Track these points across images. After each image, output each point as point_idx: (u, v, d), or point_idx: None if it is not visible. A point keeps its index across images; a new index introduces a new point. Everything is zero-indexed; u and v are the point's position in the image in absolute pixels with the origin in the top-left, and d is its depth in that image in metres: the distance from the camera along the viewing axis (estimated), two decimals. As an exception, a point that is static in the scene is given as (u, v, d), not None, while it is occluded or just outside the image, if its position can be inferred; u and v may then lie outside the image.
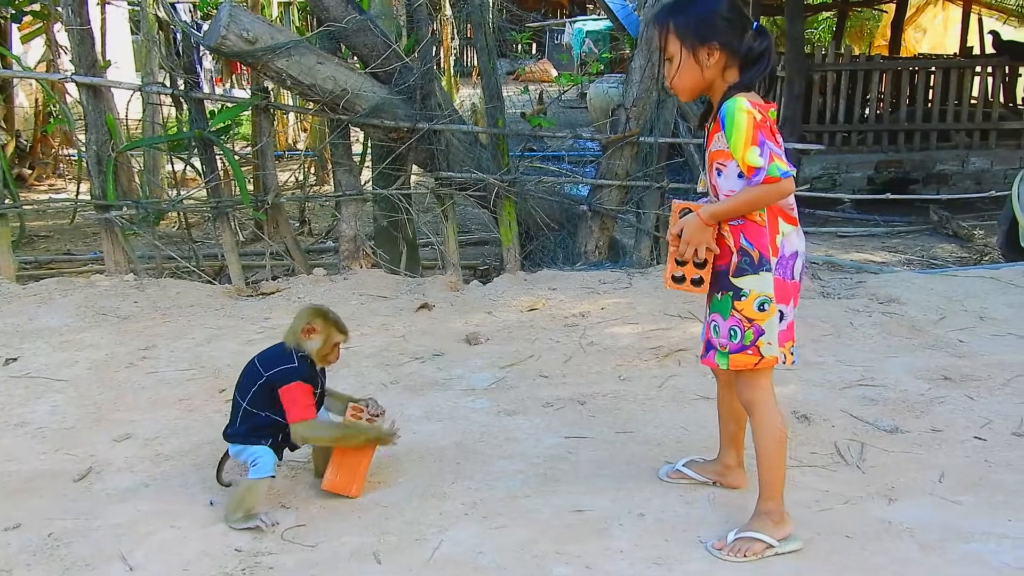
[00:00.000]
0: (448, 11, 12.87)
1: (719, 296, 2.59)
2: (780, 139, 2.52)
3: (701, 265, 2.59)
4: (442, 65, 13.87)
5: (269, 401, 2.84)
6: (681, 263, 2.60)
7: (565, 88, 8.06)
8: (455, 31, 15.30)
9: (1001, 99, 10.80)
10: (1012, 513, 2.83)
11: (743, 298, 2.54)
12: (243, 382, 2.92)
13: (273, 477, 2.87)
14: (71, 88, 5.80)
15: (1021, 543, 2.66)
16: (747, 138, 2.44)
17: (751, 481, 2.86)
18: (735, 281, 2.55)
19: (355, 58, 5.79)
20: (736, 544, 2.60)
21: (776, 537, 2.59)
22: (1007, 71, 11.01)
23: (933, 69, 10.76)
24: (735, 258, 2.54)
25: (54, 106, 9.42)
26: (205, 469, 3.17)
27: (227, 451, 2.99)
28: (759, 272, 2.53)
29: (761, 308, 2.53)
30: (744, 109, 2.44)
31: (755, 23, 2.56)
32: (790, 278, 2.58)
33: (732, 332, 2.57)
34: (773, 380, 2.65)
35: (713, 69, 2.52)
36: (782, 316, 2.57)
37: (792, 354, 2.62)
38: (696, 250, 2.55)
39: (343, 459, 2.95)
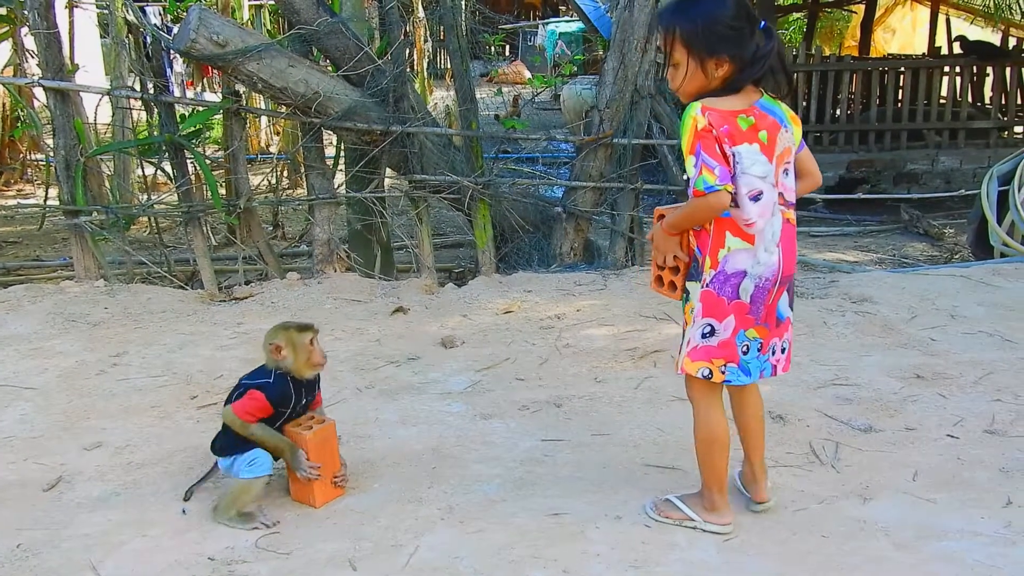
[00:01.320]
0: (421, 13, 12.85)
1: (684, 297, 2.66)
2: (741, 149, 2.44)
3: (675, 270, 2.65)
4: (415, 67, 13.82)
5: None
6: (660, 267, 2.68)
7: (539, 90, 8.07)
8: (428, 33, 15.26)
9: (969, 98, 10.92)
10: (984, 511, 2.85)
11: (687, 302, 2.64)
12: (230, 395, 2.92)
13: (271, 475, 2.86)
14: (39, 92, 5.73)
15: (994, 540, 2.68)
16: (686, 147, 2.46)
17: (773, 493, 2.87)
18: (687, 285, 2.63)
19: (327, 61, 5.76)
20: (663, 505, 2.81)
21: (701, 517, 2.74)
22: (975, 71, 11.14)
23: (902, 69, 10.87)
24: (693, 263, 2.61)
25: (21, 111, 9.29)
26: (177, 477, 3.14)
27: (211, 468, 2.96)
28: (698, 280, 2.58)
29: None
30: (691, 116, 2.45)
31: (762, 23, 2.50)
32: (731, 297, 2.52)
33: (683, 333, 2.67)
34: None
35: (720, 78, 2.49)
36: (713, 331, 2.55)
37: (724, 372, 2.57)
38: (665, 256, 2.63)
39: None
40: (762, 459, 2.83)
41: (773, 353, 2.63)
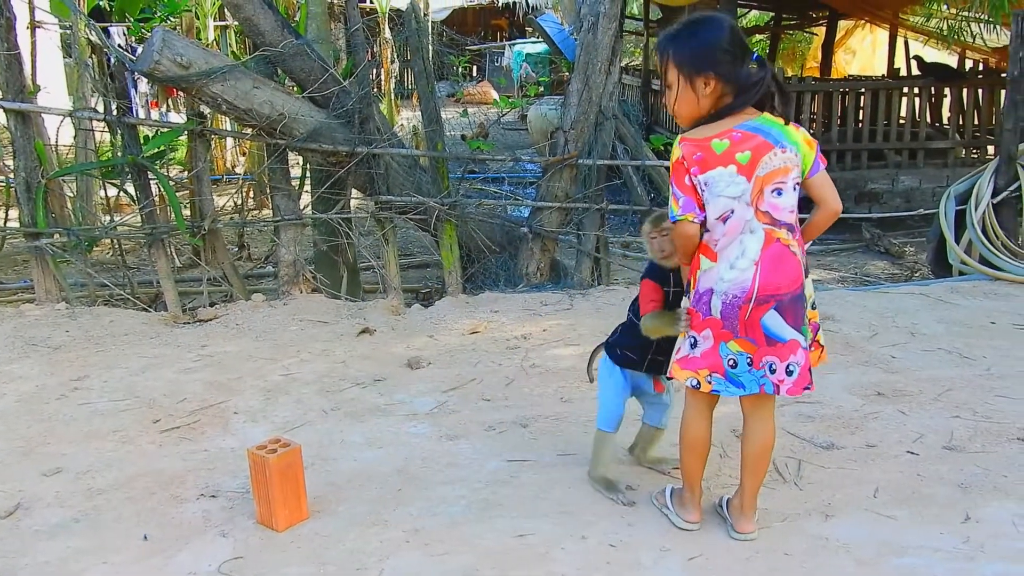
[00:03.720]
0: (387, 34, 12.89)
1: None
2: (713, 174, 2.53)
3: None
4: (381, 88, 13.83)
5: None
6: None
7: (504, 111, 8.13)
8: (395, 54, 15.30)
9: (928, 119, 11.11)
10: (943, 526, 2.89)
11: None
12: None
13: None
14: (-2, 114, 5.67)
15: (953, 555, 2.72)
16: (670, 180, 2.66)
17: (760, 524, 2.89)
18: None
19: (292, 83, 5.76)
20: (661, 492, 3.03)
21: (674, 509, 2.93)
22: (933, 92, 11.34)
23: (863, 91, 11.04)
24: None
25: (-19, 132, 9.18)
26: (140, 502, 3.10)
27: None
28: (687, 295, 2.76)
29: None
30: (673, 147, 2.62)
31: (755, 55, 2.61)
32: (705, 313, 2.63)
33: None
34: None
35: (709, 98, 2.58)
36: (696, 343, 2.68)
37: (710, 382, 2.66)
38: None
39: (259, 492, 2.91)
40: (755, 493, 2.83)
41: (772, 372, 2.62)
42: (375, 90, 6.25)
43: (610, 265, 6.44)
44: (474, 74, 25.11)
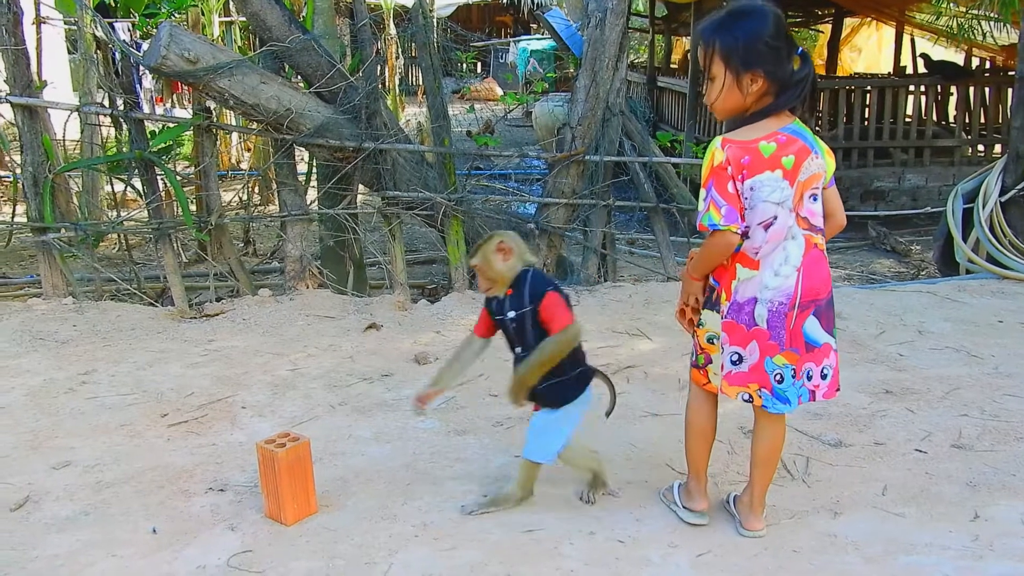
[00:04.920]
0: (393, 30, 12.88)
1: (698, 322, 2.74)
2: (761, 179, 2.47)
3: (697, 311, 2.75)
4: (387, 84, 13.83)
5: None
6: (685, 304, 2.80)
7: (511, 107, 8.11)
8: (400, 50, 15.29)
9: (934, 117, 11.09)
10: (952, 524, 2.89)
11: (700, 327, 2.73)
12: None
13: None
14: (5, 109, 5.67)
15: (961, 554, 2.72)
16: (703, 180, 2.53)
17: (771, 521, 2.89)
18: (703, 311, 2.71)
19: (299, 78, 5.75)
20: (669, 489, 3.03)
21: (681, 502, 2.93)
22: (939, 90, 11.32)
23: (869, 88, 11.03)
24: (709, 291, 2.69)
25: (-12, 126, 9.20)
26: (148, 496, 3.11)
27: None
28: (712, 310, 2.66)
29: (710, 342, 2.70)
30: (711, 149, 2.52)
31: (799, 49, 2.52)
32: (749, 324, 2.57)
33: (693, 350, 2.79)
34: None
35: (754, 95, 2.51)
36: (741, 359, 2.61)
37: (760, 396, 2.62)
38: (688, 297, 2.74)
39: (267, 486, 2.92)
40: (763, 491, 2.82)
41: (809, 378, 2.61)
42: (381, 86, 6.24)
43: (616, 262, 6.44)
44: (479, 71, 25.10)
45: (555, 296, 2.77)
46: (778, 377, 2.60)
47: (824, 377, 2.64)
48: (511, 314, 2.81)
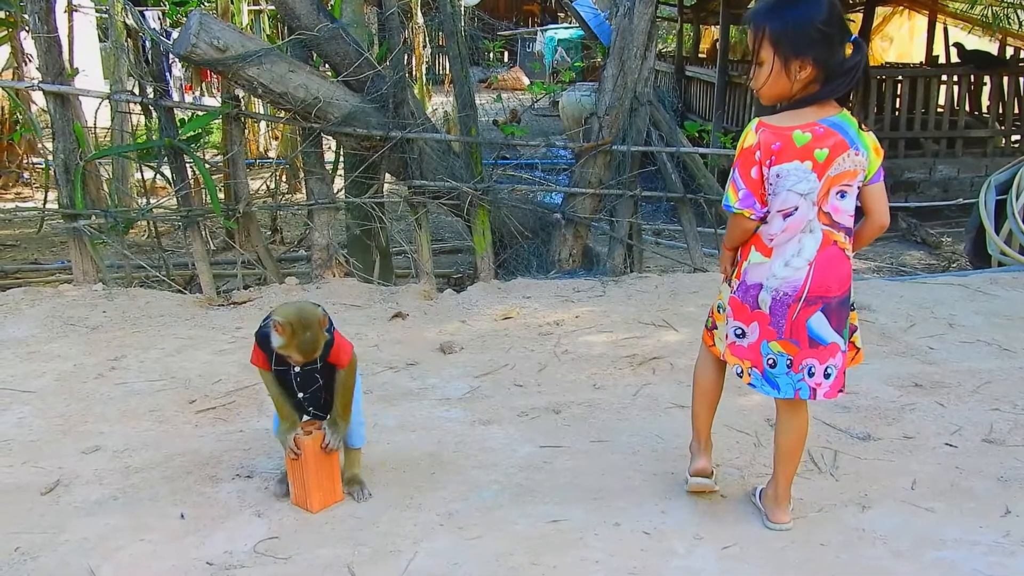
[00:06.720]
0: (420, 19, 12.87)
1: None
2: (789, 167, 2.44)
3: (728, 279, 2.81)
4: (414, 73, 13.83)
5: None
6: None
7: (538, 97, 8.10)
8: (427, 39, 15.28)
9: (967, 108, 10.95)
10: (982, 520, 2.85)
11: (719, 294, 2.84)
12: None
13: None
14: (38, 96, 5.73)
15: (992, 549, 2.68)
16: (734, 164, 2.54)
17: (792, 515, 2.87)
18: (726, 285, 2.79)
19: (327, 66, 5.77)
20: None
21: (688, 471, 2.97)
22: (972, 80, 11.16)
23: (900, 78, 10.89)
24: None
25: (20, 114, 9.29)
26: (176, 481, 3.14)
27: None
28: (726, 282, 2.75)
29: (719, 310, 2.81)
30: (746, 131, 2.53)
31: (852, 36, 2.47)
32: (752, 306, 2.59)
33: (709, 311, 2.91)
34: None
35: (801, 83, 2.46)
36: (744, 333, 2.64)
37: (751, 375, 2.65)
38: (722, 267, 2.82)
39: (294, 473, 2.93)
40: (788, 483, 2.79)
41: (811, 375, 2.58)
42: (408, 75, 6.24)
43: (643, 252, 6.41)
44: (506, 60, 25.05)
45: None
46: (771, 362, 2.60)
47: (827, 376, 2.59)
48: None
